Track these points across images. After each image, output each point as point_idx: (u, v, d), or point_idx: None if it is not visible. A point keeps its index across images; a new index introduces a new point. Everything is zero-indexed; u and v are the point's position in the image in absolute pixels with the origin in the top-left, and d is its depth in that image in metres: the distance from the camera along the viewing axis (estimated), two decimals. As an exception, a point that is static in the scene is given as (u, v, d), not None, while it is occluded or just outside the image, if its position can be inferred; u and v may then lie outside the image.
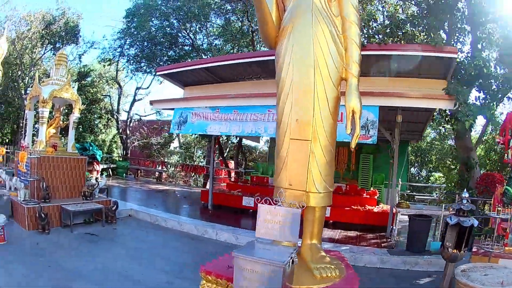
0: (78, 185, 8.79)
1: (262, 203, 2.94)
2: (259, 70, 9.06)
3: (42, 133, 8.47)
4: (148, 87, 23.04)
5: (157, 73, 10.78)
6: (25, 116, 18.01)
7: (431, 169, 21.14)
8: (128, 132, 21.98)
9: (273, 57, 3.58)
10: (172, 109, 9.44)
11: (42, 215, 7.09)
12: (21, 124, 18.84)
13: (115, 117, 21.98)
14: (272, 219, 2.86)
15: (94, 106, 20.48)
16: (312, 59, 3.11)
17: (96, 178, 9.38)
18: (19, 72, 18.39)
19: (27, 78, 19.67)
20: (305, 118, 3.16)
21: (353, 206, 9.24)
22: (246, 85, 9.71)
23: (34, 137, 10.30)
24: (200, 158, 25.32)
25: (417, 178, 21.26)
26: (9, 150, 14.32)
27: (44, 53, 19.73)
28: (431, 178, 20.48)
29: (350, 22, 3.21)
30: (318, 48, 3.11)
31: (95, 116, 20.73)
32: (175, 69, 10.18)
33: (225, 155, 20.87)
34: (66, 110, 12.60)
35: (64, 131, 10.54)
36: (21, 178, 8.37)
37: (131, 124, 23.13)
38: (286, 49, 3.25)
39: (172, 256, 6.33)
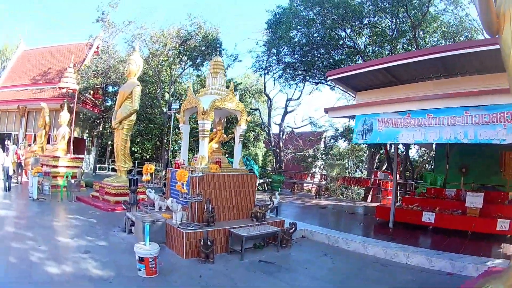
0: (247, 205, 7.70)
1: None
2: (439, 68, 8.17)
3: (204, 148, 7.54)
4: (298, 98, 21.91)
5: (328, 78, 9.75)
6: (169, 132, 19.58)
7: None
8: (281, 144, 21.31)
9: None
10: (348, 117, 7.75)
11: (208, 242, 5.98)
12: (164, 141, 19.80)
13: (266, 130, 21.60)
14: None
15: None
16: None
17: (271, 196, 8.15)
18: (158, 90, 19.25)
19: (167, 95, 20.64)
20: None
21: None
22: (428, 85, 8.59)
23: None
24: (352, 169, 23.30)
25: None
26: (158, 168, 14.85)
27: (184, 69, 20.36)
28: None
29: None
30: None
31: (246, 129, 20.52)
32: (348, 72, 9.09)
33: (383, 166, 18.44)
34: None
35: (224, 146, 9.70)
36: (179, 199, 7.55)
37: (284, 137, 22.51)
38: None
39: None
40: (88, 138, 23.39)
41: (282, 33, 15.87)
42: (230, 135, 9.16)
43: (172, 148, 21.84)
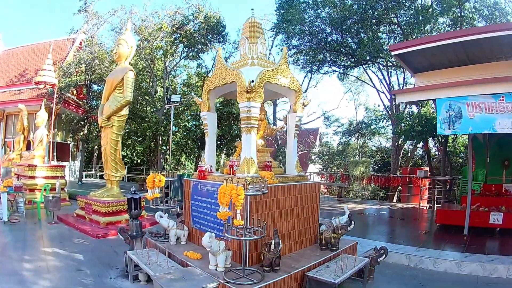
0: (311, 227, 5.18)
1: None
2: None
3: (252, 147, 4.76)
4: (306, 91, 18.98)
5: (392, 52, 7.52)
6: (167, 131, 16.77)
7: None
8: (280, 143, 18.75)
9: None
10: (423, 100, 7.75)
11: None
12: (159, 142, 16.79)
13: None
14: None
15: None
16: None
17: (350, 215, 5.41)
18: (151, 84, 16.18)
19: (160, 90, 17.67)
20: None
21: None
22: (501, 66, 7.14)
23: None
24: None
25: None
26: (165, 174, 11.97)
27: (181, 59, 17.36)
28: None
29: None
30: None
31: None
32: (418, 46, 7.18)
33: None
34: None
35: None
36: (222, 232, 4.80)
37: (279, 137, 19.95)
38: None
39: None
40: (73, 143, 20.19)
41: (296, 14, 13.17)
42: (276, 127, 6.44)
43: (167, 151, 18.84)
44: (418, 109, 14.21)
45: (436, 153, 17.41)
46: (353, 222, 5.28)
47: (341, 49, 13.82)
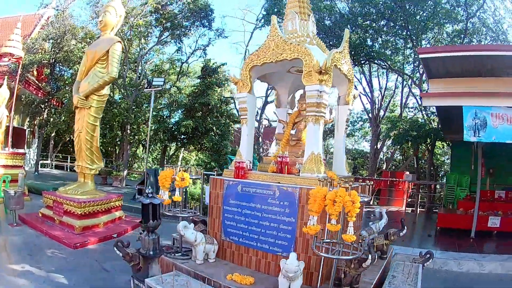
0: (357, 234, 4.01)
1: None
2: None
3: (319, 140, 3.70)
4: None
5: (419, 55, 7.44)
6: (139, 119, 14.70)
7: None
8: (260, 140, 17.46)
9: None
10: (449, 107, 7.06)
11: None
12: (128, 131, 14.70)
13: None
14: None
15: (223, 109, 15.89)
16: None
17: (402, 220, 4.55)
18: (124, 65, 14.11)
19: (130, 73, 15.58)
20: None
21: None
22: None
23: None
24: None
25: None
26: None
27: (158, 42, 15.33)
28: None
29: None
30: None
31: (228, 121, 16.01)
32: (445, 53, 7.14)
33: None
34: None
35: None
36: (271, 246, 3.68)
37: (262, 131, 18.81)
38: None
39: None
40: (29, 129, 17.23)
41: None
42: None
43: (135, 142, 16.76)
44: (399, 114, 14.12)
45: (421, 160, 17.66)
46: (405, 227, 4.76)
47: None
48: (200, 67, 16.67)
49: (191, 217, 4.81)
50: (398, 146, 14.26)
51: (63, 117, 14.22)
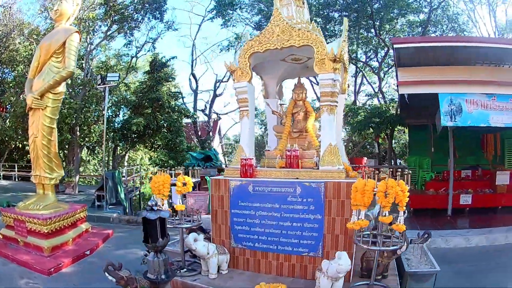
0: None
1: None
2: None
3: (333, 132, 3.58)
4: (229, 79, 17.67)
5: (394, 44, 7.63)
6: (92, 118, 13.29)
7: None
8: (211, 134, 16.78)
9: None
10: (425, 94, 7.26)
11: None
12: (77, 132, 13.25)
13: (192, 118, 16.69)
14: None
15: (173, 104, 14.97)
16: None
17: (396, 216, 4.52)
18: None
19: (77, 70, 14.06)
20: None
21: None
22: (480, 70, 7.87)
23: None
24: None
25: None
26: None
27: (106, 36, 13.94)
28: None
29: None
30: None
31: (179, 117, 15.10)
32: (421, 43, 7.67)
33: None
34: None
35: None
36: (295, 247, 3.42)
37: (212, 125, 18.23)
38: None
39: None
40: None
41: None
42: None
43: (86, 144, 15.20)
44: (353, 101, 14.48)
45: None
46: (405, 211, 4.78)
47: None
48: (149, 61, 15.81)
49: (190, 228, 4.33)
50: (356, 133, 14.73)
51: (8, 123, 12.46)
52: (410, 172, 3.41)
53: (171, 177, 3.81)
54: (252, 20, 16.12)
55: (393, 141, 18.22)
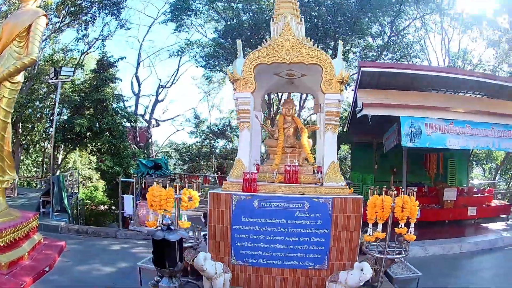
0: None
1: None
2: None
3: (334, 148, 3.89)
4: (172, 84, 17.89)
5: (362, 68, 7.79)
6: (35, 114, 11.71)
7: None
8: (151, 141, 16.40)
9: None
10: (387, 116, 7.70)
11: None
12: (20, 130, 11.81)
13: (134, 123, 15.78)
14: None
15: (117, 107, 14.03)
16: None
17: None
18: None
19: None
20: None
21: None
22: (439, 97, 8.65)
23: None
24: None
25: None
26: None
27: (58, 28, 12.67)
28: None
29: None
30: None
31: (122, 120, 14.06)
32: (387, 69, 8.09)
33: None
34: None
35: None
36: (301, 261, 3.47)
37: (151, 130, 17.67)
38: None
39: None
40: None
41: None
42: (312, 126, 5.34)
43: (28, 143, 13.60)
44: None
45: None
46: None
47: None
48: (95, 60, 14.66)
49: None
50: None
51: None
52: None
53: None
54: (206, 27, 16.19)
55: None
